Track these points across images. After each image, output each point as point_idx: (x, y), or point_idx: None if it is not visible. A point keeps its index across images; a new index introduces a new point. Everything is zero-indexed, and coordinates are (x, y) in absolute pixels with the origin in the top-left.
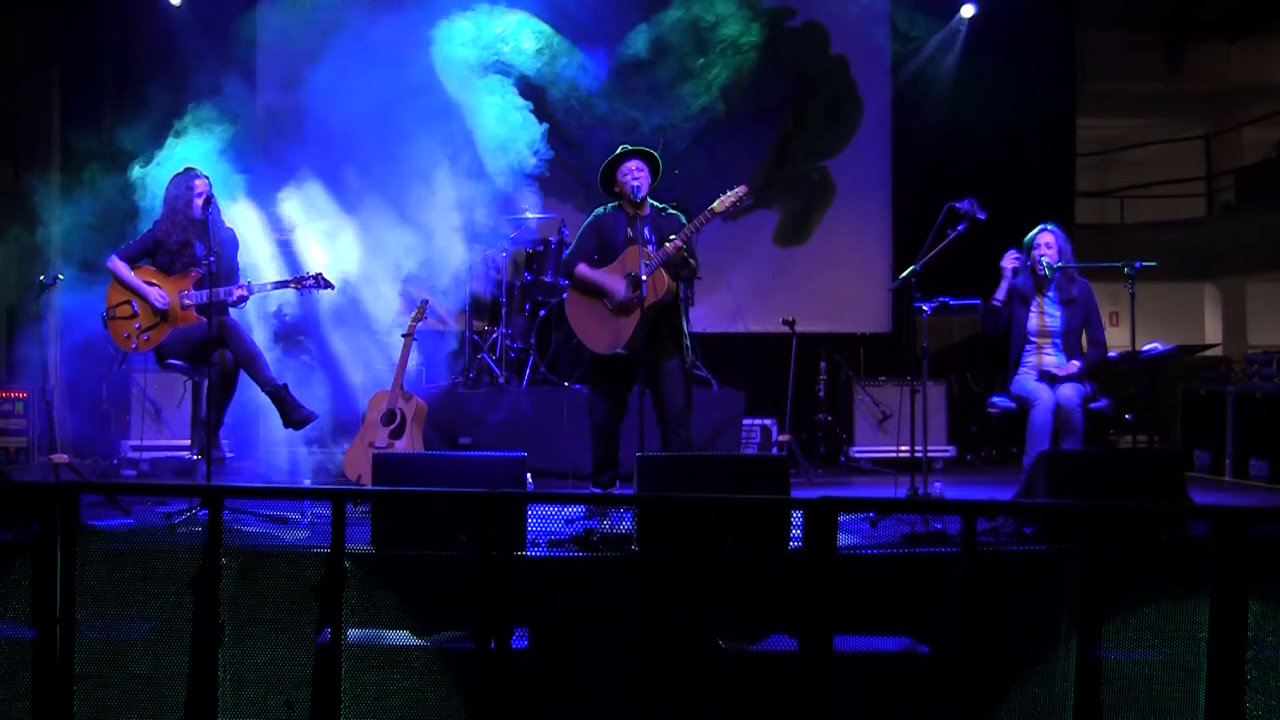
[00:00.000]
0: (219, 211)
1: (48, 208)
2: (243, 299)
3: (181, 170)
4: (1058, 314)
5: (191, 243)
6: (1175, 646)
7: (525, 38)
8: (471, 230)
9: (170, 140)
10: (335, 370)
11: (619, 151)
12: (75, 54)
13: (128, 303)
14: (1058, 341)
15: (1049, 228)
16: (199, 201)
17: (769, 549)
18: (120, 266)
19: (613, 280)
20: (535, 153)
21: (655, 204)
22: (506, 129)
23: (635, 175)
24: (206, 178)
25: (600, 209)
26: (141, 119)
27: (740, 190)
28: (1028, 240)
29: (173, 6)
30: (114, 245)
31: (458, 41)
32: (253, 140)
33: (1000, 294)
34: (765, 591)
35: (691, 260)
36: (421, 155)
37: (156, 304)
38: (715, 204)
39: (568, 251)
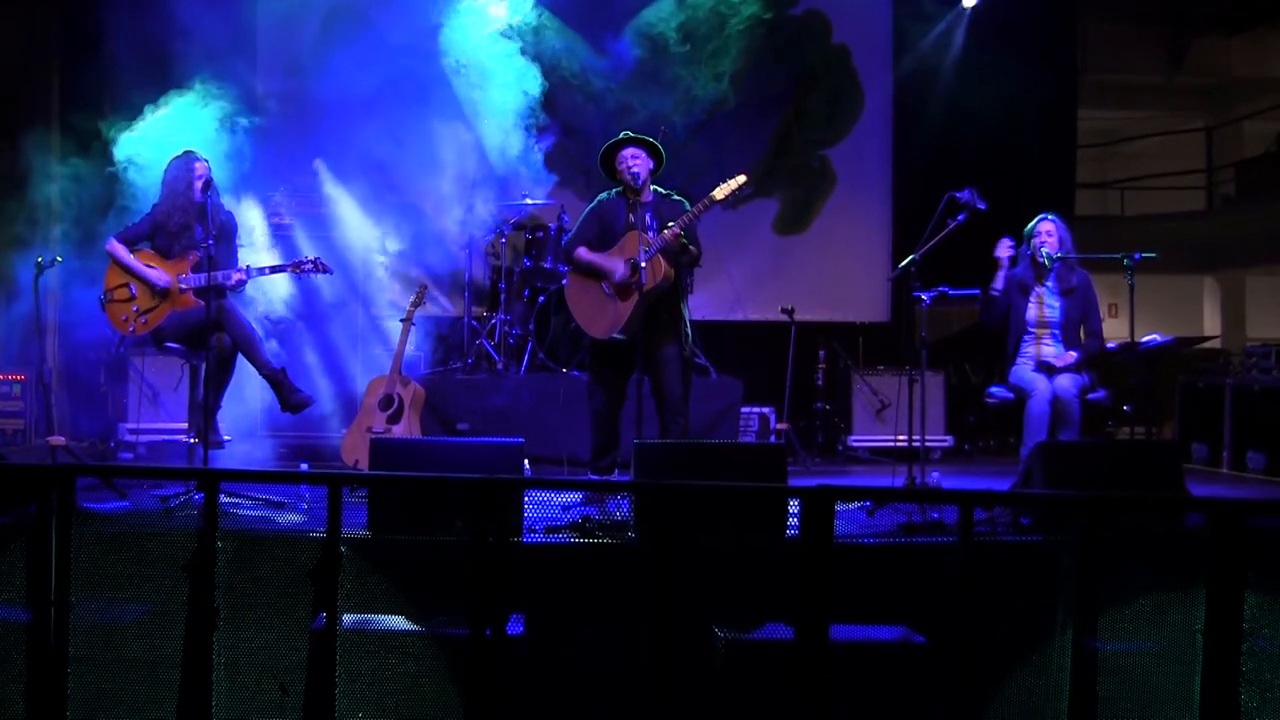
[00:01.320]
0: (218, 195)
1: (47, 190)
2: (241, 283)
3: (180, 153)
4: (1057, 304)
5: (191, 226)
6: (1171, 638)
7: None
8: (472, 215)
9: (154, 110)
10: (332, 355)
11: (619, 137)
12: (75, 37)
13: (126, 285)
14: (1056, 332)
15: (1049, 217)
16: (199, 184)
17: (766, 537)
18: (119, 249)
19: (611, 262)
20: (538, 115)
21: (659, 190)
22: (508, 76)
23: (632, 162)
24: (206, 161)
25: (604, 194)
26: (141, 103)
27: (740, 178)
28: (1028, 229)
29: None
30: (113, 228)
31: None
32: (252, 124)
33: (998, 283)
34: (762, 580)
35: (692, 247)
36: (424, 139)
37: (157, 284)
38: (715, 191)
39: (569, 235)
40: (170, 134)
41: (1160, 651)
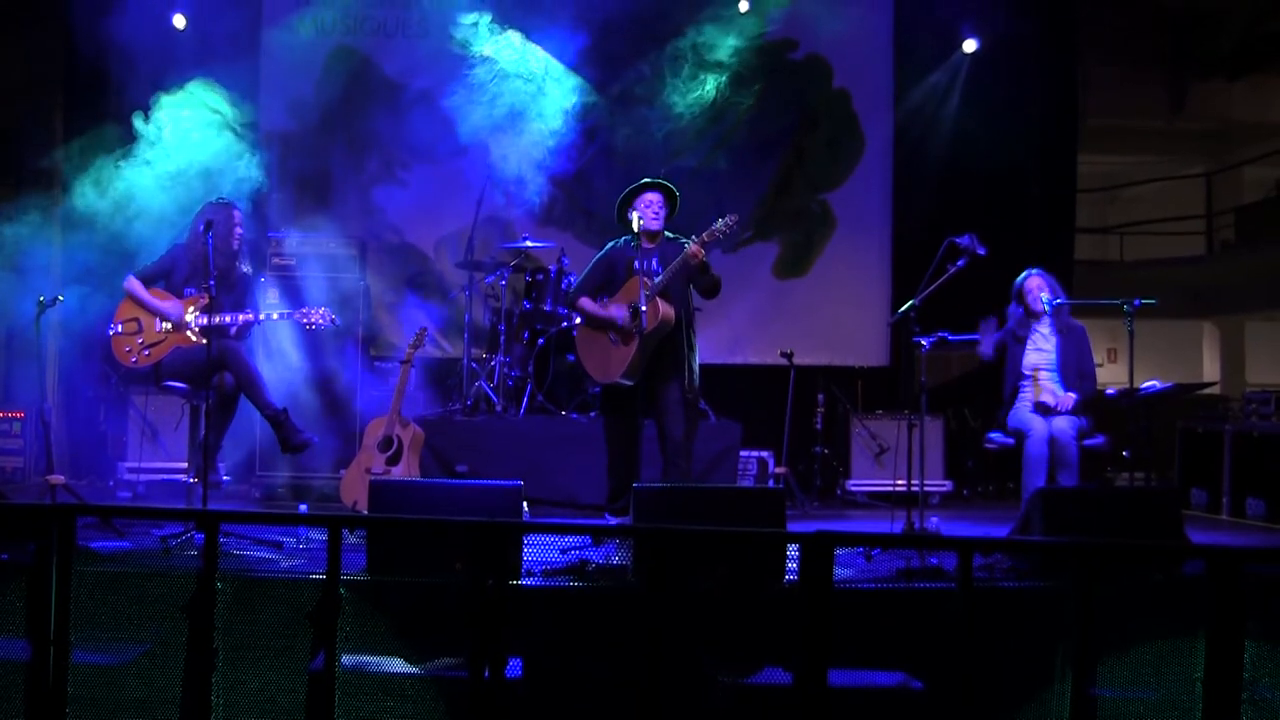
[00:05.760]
0: (246, 244)
1: (50, 228)
2: (248, 324)
3: (219, 200)
4: (1053, 341)
5: (211, 270)
6: (1170, 686)
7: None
8: (472, 257)
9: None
10: (332, 395)
11: (641, 182)
12: (78, 75)
13: (135, 320)
14: (1055, 373)
15: (1035, 272)
16: (239, 231)
17: (765, 582)
18: (136, 286)
19: (612, 310)
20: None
21: (667, 235)
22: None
23: (648, 208)
24: (241, 211)
25: (614, 241)
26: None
27: (730, 219)
28: (1017, 288)
29: (176, 29)
30: (114, 266)
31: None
32: (254, 162)
33: (986, 348)
34: (760, 624)
35: (713, 270)
36: (426, 179)
37: (170, 315)
38: (705, 234)
39: (576, 281)
40: (172, 169)
41: (1160, 700)
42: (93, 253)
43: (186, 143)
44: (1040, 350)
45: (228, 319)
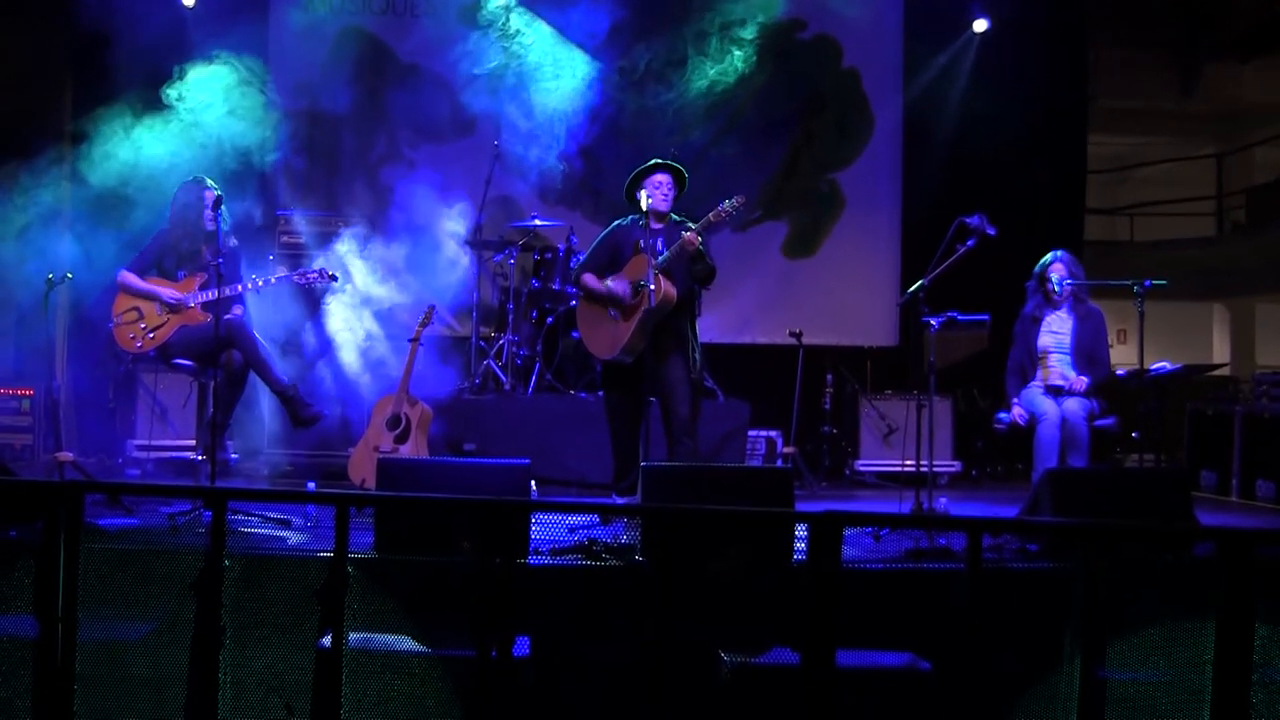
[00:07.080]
0: (228, 220)
1: (58, 207)
2: (244, 293)
3: (191, 179)
4: (1069, 324)
5: (200, 251)
6: (1180, 668)
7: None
8: (480, 236)
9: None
10: (340, 373)
11: (651, 163)
12: (86, 55)
13: (135, 309)
14: (1068, 355)
15: (1059, 256)
16: (210, 211)
17: (773, 561)
18: (130, 279)
19: (615, 286)
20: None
21: (675, 216)
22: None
23: (657, 189)
24: (215, 188)
25: (621, 220)
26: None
27: (738, 200)
28: (1040, 270)
29: (185, 8)
30: (121, 242)
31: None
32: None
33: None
34: (768, 604)
35: (708, 259)
36: (435, 158)
37: (170, 301)
38: (711, 214)
39: (581, 258)
40: (177, 149)
41: (1169, 682)
42: (105, 230)
43: (212, 115)
44: (1054, 333)
45: (227, 291)
